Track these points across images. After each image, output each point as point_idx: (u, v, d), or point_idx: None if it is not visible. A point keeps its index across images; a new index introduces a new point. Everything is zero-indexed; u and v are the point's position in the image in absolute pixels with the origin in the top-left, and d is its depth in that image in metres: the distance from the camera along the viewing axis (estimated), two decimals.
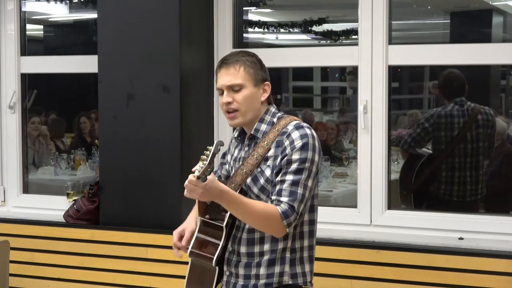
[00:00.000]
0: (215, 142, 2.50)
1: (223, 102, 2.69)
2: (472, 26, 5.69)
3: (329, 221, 3.93)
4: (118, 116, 4.26)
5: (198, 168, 2.42)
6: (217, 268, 2.66)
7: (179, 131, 4.11)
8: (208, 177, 2.43)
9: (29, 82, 5.00)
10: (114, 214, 4.29)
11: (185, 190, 2.48)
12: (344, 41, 6.93)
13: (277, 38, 7.13)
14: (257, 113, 2.71)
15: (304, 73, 8.73)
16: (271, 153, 2.64)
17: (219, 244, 2.66)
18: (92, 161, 5.62)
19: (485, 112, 4.46)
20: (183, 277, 2.78)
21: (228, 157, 2.88)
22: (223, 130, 4.35)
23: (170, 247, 3.96)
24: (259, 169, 2.65)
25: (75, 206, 4.41)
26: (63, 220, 4.46)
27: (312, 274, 2.74)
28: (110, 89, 4.28)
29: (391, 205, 4.01)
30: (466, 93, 4.49)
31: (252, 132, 2.71)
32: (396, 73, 4.89)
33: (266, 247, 2.65)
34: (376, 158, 3.96)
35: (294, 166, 2.57)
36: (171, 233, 2.82)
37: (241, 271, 2.69)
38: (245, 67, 2.68)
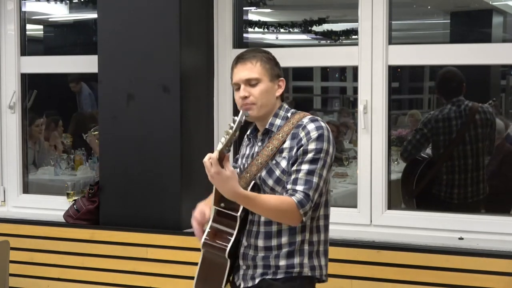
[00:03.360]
0: (240, 112, 2.50)
1: (239, 97, 2.70)
2: (472, 26, 5.69)
3: (329, 221, 3.91)
4: (118, 116, 4.25)
5: (222, 140, 2.43)
6: (229, 260, 2.66)
7: (179, 131, 4.11)
8: (226, 172, 2.44)
9: (29, 82, 4.99)
10: (114, 214, 4.29)
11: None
12: (344, 41, 6.94)
13: (277, 38, 7.15)
14: (272, 108, 2.73)
15: (304, 73, 8.74)
16: (286, 145, 2.65)
17: (232, 235, 2.66)
18: (92, 161, 5.62)
19: (483, 110, 4.42)
20: (183, 277, 2.78)
21: (239, 160, 2.89)
22: (223, 130, 4.34)
23: (170, 247, 4.01)
24: (274, 161, 2.66)
25: (75, 206, 4.41)
26: (63, 220, 4.46)
27: (327, 268, 2.76)
28: (110, 89, 4.28)
29: (391, 205, 4.01)
30: (464, 91, 4.45)
31: (267, 126, 2.72)
32: (396, 73, 4.89)
33: (284, 240, 2.66)
34: (376, 158, 3.96)
35: (309, 155, 2.60)
36: (171, 233, 2.82)
37: (260, 262, 2.69)
38: (262, 62, 2.70)
